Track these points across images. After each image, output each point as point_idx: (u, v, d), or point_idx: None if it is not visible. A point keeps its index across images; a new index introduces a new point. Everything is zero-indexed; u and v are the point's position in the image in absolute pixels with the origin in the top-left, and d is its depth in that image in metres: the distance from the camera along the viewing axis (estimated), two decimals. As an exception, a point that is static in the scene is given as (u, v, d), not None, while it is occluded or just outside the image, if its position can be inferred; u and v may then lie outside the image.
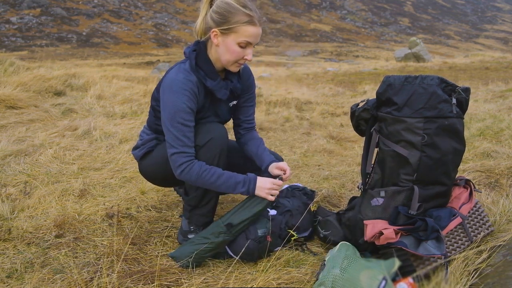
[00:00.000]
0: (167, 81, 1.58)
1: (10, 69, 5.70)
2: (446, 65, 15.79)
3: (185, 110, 1.55)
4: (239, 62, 1.60)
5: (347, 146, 3.60)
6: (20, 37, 38.68)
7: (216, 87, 1.62)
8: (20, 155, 2.87)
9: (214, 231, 1.61)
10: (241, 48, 1.55)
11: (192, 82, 1.57)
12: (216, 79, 1.62)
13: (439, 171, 1.55)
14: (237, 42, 1.53)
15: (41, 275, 1.49)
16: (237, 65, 1.61)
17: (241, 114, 1.87)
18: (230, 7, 1.50)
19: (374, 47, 51.50)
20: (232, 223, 1.59)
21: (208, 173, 1.55)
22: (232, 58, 1.57)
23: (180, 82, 1.55)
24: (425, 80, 1.51)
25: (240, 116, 1.88)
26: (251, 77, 1.84)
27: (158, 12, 55.82)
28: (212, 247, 1.59)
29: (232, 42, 1.53)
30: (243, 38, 1.52)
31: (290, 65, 22.34)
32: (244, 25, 1.50)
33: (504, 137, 3.36)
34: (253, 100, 1.88)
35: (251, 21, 1.51)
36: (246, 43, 1.54)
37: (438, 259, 1.40)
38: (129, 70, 14.46)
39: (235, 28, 1.51)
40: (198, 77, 1.60)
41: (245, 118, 1.88)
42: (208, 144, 1.59)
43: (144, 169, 1.84)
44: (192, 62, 1.59)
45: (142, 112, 4.73)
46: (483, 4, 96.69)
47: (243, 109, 1.86)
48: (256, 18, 1.52)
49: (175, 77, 1.57)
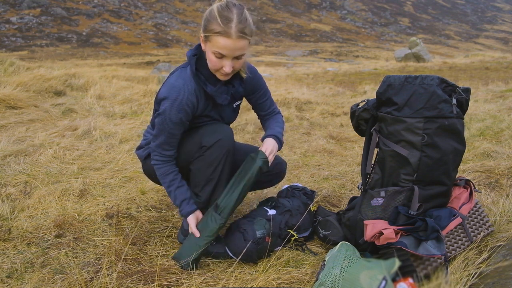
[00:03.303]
0: (167, 86, 1.59)
1: (10, 69, 5.70)
2: (446, 65, 15.78)
3: (175, 121, 1.56)
4: (220, 71, 1.55)
5: (347, 146, 3.60)
6: (20, 37, 38.68)
7: (216, 93, 1.61)
8: (20, 155, 2.87)
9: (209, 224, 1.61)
10: (216, 58, 1.49)
11: (189, 90, 1.57)
12: (217, 85, 1.61)
13: (439, 171, 1.55)
14: (212, 51, 1.49)
15: (41, 275, 1.49)
16: (220, 74, 1.56)
17: (260, 110, 1.88)
18: (210, 15, 1.46)
19: (374, 47, 51.50)
20: (219, 205, 1.60)
21: (168, 180, 1.66)
22: (211, 67, 1.54)
23: (178, 91, 1.56)
24: (425, 80, 1.51)
25: (259, 112, 1.89)
26: (256, 76, 1.78)
27: (158, 12, 55.81)
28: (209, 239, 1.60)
29: (209, 51, 1.50)
30: (215, 48, 1.46)
31: (290, 65, 22.33)
32: (216, 35, 1.44)
33: (504, 137, 3.36)
34: (265, 95, 1.84)
35: (224, 32, 1.42)
36: (219, 54, 1.47)
37: (438, 259, 1.40)
38: (129, 70, 14.47)
39: (210, 37, 1.46)
40: (198, 83, 1.59)
41: (265, 112, 1.88)
42: (215, 145, 1.59)
43: (148, 169, 1.85)
44: (193, 68, 1.59)
45: (142, 112, 4.73)
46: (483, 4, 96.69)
47: (260, 106, 1.86)
48: (233, 31, 1.42)
49: (174, 83, 1.58)
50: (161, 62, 21.99)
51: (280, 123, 1.86)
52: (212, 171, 1.63)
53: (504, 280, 1.26)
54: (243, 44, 1.47)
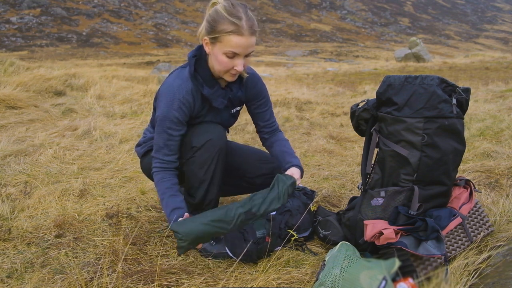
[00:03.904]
0: (165, 85, 1.60)
1: (10, 69, 5.70)
2: (446, 65, 15.78)
3: (172, 119, 1.56)
4: (230, 72, 1.55)
5: (347, 146, 3.60)
6: (20, 37, 38.67)
7: (213, 96, 1.60)
8: (20, 155, 2.87)
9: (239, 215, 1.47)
10: (228, 58, 1.49)
11: (186, 90, 1.57)
12: (214, 87, 1.60)
13: (439, 171, 1.55)
14: (223, 52, 1.48)
15: (41, 275, 1.49)
16: (229, 74, 1.56)
17: (258, 120, 1.86)
18: (217, 15, 1.46)
19: (374, 47, 51.49)
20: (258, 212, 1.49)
21: (162, 188, 1.62)
22: (221, 68, 1.53)
23: (174, 90, 1.56)
24: (425, 80, 1.51)
25: (258, 122, 1.87)
26: (259, 83, 1.78)
27: (158, 12, 55.80)
28: (223, 231, 1.48)
29: (219, 52, 1.49)
30: (228, 48, 1.46)
31: (290, 65, 22.32)
32: (228, 34, 1.44)
33: (504, 137, 3.36)
34: (266, 105, 1.84)
35: (237, 30, 1.43)
36: (232, 53, 1.48)
37: (438, 259, 1.40)
38: (129, 70, 14.47)
39: (220, 37, 1.46)
40: (196, 84, 1.59)
41: (264, 123, 1.86)
42: (206, 145, 1.59)
43: (145, 166, 1.86)
44: (191, 69, 1.59)
45: (142, 112, 4.73)
46: (483, 4, 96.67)
47: (258, 115, 1.84)
48: (245, 28, 1.44)
49: (172, 83, 1.58)
50: (161, 62, 21.99)
51: (290, 147, 1.86)
52: (204, 172, 1.63)
53: (504, 280, 1.26)
54: (254, 40, 1.50)
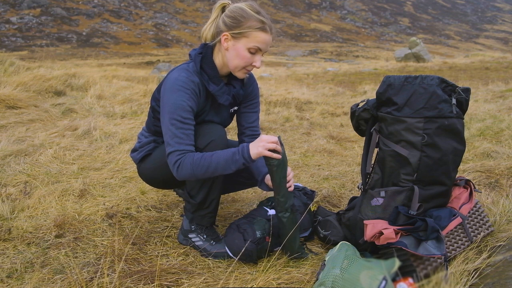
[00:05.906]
0: (169, 80, 1.58)
1: (10, 69, 5.70)
2: (446, 65, 15.79)
3: (185, 108, 1.54)
4: (247, 68, 1.60)
5: (347, 146, 3.60)
6: (20, 37, 38.69)
7: (219, 92, 1.62)
8: (20, 155, 2.87)
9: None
10: (250, 54, 1.55)
11: (194, 82, 1.57)
12: (219, 84, 1.63)
13: (439, 171, 1.55)
14: (247, 47, 1.54)
15: (41, 275, 1.49)
16: (245, 71, 1.62)
17: (243, 119, 1.85)
18: (244, 12, 1.53)
19: (374, 47, 51.50)
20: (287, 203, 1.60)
21: (202, 158, 1.49)
22: (241, 64, 1.58)
23: (182, 81, 1.55)
24: (425, 80, 1.51)
25: (242, 122, 1.86)
26: (254, 84, 1.84)
27: (158, 12, 55.81)
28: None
29: (242, 47, 1.54)
30: (253, 43, 1.53)
31: (290, 65, 22.33)
32: (256, 30, 1.52)
33: (504, 137, 3.37)
34: (256, 107, 1.86)
35: (264, 27, 1.53)
36: (256, 49, 1.55)
37: (438, 259, 1.40)
38: (129, 70, 14.48)
39: (247, 33, 1.52)
40: (201, 80, 1.60)
41: (248, 124, 1.85)
42: (209, 147, 1.59)
43: (143, 172, 1.83)
44: (197, 65, 1.60)
45: (142, 112, 4.73)
46: (483, 4, 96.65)
47: (245, 115, 1.85)
48: (268, 26, 1.54)
49: (178, 76, 1.57)
50: (161, 62, 22.01)
51: None
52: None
53: (504, 280, 1.26)
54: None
